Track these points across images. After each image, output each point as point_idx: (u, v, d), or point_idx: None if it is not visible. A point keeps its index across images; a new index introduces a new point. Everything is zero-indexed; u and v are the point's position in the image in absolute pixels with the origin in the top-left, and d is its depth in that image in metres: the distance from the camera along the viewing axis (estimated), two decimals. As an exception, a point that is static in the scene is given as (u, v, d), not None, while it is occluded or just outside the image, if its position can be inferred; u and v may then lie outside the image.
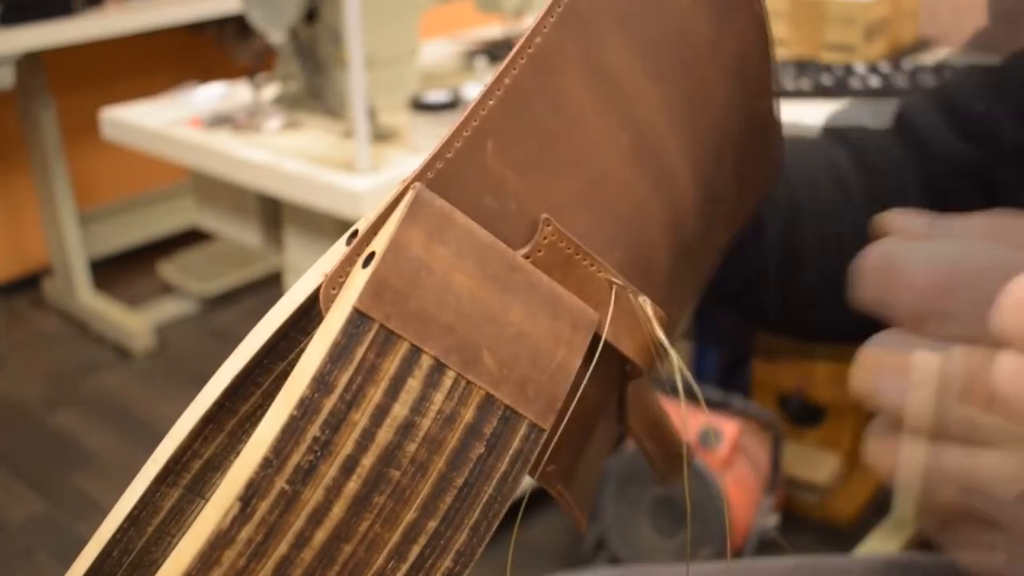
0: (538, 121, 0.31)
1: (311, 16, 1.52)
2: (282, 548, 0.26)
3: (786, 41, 1.56)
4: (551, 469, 0.33)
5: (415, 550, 0.28)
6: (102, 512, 0.33)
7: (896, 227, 0.34)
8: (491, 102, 0.29)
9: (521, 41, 0.30)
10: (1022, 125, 0.52)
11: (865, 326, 0.32)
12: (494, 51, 1.92)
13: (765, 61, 0.40)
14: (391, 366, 0.27)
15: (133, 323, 2.39)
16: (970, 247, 0.29)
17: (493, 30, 2.17)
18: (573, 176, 0.32)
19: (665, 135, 0.34)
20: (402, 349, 0.27)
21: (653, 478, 0.43)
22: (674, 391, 0.38)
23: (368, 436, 0.26)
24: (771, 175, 0.44)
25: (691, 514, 1.47)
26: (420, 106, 1.42)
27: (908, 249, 0.30)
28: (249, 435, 0.29)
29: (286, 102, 1.63)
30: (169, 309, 2.55)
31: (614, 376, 0.36)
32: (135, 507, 0.31)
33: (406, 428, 0.27)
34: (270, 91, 1.67)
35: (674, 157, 0.35)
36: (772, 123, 0.42)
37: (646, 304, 0.34)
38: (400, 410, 0.27)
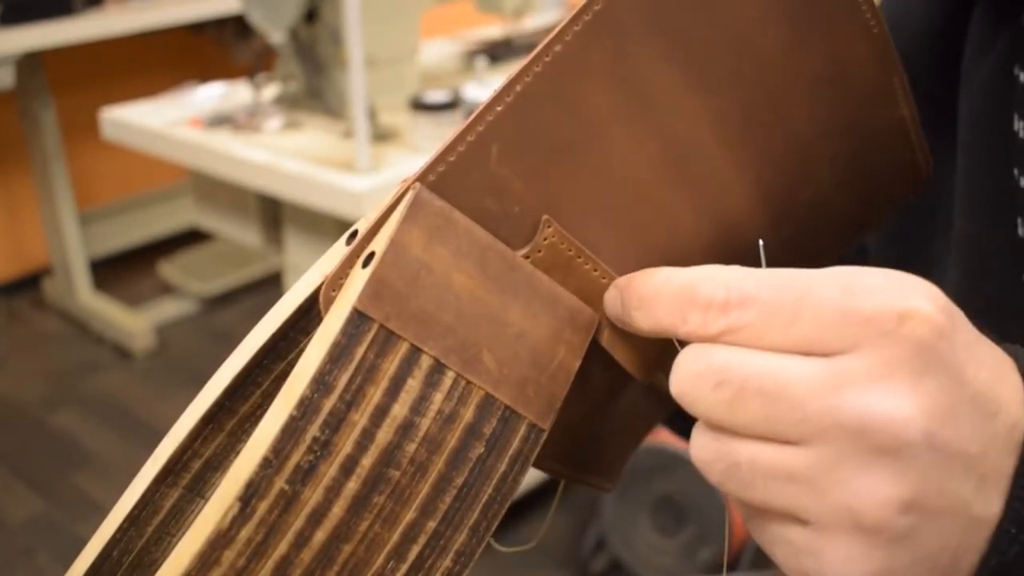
0: (549, 129, 0.30)
1: (311, 16, 1.52)
2: (282, 548, 0.26)
3: None
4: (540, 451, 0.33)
5: (415, 550, 0.28)
6: (102, 512, 0.33)
7: None
8: (499, 108, 0.29)
9: (538, 48, 0.29)
10: None
11: None
12: (494, 51, 1.92)
13: (881, 68, 0.38)
14: (391, 366, 0.27)
15: (133, 323, 2.39)
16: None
17: (493, 30, 2.17)
18: (584, 184, 0.31)
19: (710, 147, 0.33)
20: (402, 349, 0.27)
21: None
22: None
23: (368, 436, 0.26)
24: (911, 178, 0.43)
25: (691, 515, 1.47)
26: (420, 106, 1.42)
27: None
28: (249, 435, 0.29)
29: (286, 102, 1.63)
30: (169, 309, 2.55)
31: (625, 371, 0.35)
32: (135, 507, 0.31)
33: (406, 428, 0.27)
34: (270, 91, 1.67)
35: (722, 169, 0.34)
36: (902, 129, 0.40)
37: None
38: (400, 410, 0.27)
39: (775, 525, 0.28)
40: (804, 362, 0.26)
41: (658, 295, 0.29)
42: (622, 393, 0.38)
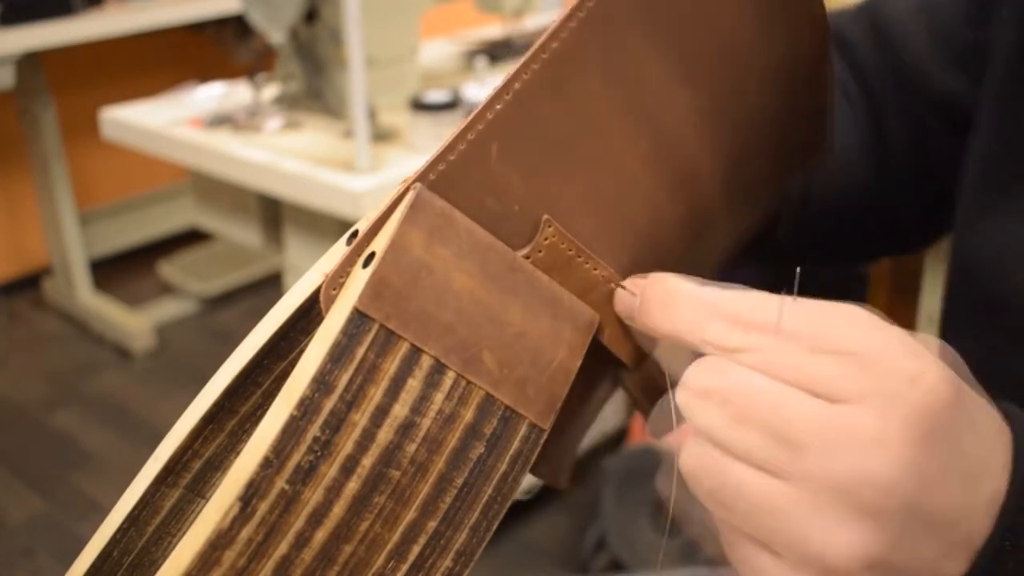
0: (548, 126, 0.30)
1: (311, 16, 1.52)
2: (282, 548, 0.26)
3: None
4: None
5: (415, 550, 0.28)
6: (102, 512, 0.33)
7: None
8: (498, 106, 0.29)
9: (535, 46, 0.29)
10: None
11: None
12: (494, 51, 1.92)
13: (820, 58, 0.39)
14: (391, 366, 0.27)
15: (133, 323, 2.39)
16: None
17: (493, 30, 2.17)
18: (583, 181, 0.31)
19: (690, 139, 0.34)
20: (402, 349, 0.27)
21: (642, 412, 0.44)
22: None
23: (368, 436, 0.26)
24: (817, 153, 0.44)
25: (689, 516, 1.47)
26: (420, 106, 1.42)
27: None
28: (249, 435, 0.29)
29: (286, 102, 1.63)
30: (169, 309, 2.55)
31: (606, 368, 0.36)
32: (135, 507, 0.31)
33: (406, 428, 0.27)
34: (270, 91, 1.67)
35: (698, 160, 0.34)
36: (823, 112, 0.41)
37: None
38: (400, 410, 0.27)
39: (748, 548, 0.28)
40: (812, 401, 0.26)
41: (683, 302, 0.29)
42: (590, 394, 0.38)
